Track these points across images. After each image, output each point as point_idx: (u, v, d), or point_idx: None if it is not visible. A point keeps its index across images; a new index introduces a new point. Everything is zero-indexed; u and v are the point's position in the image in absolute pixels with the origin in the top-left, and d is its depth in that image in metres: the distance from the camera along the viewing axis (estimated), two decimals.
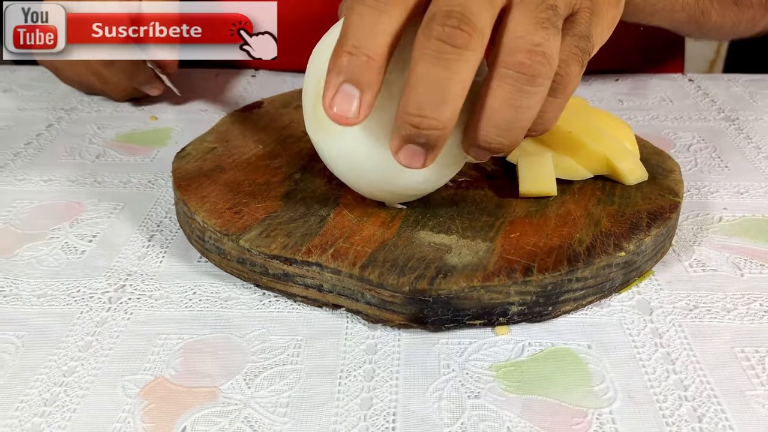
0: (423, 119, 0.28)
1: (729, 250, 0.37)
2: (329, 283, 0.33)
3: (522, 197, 0.37)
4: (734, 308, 0.32)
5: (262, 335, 0.31)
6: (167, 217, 0.40)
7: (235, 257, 0.35)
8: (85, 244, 0.37)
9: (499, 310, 0.31)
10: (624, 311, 0.32)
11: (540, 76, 0.28)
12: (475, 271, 0.31)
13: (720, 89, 0.58)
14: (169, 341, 0.31)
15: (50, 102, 0.56)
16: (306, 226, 0.35)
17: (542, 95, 0.29)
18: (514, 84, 0.28)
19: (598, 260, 0.32)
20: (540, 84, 0.28)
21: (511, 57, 0.28)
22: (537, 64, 0.28)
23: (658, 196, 0.37)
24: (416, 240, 0.34)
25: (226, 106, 0.55)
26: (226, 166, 0.41)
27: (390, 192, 0.35)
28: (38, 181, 0.44)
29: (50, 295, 0.34)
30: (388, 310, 0.32)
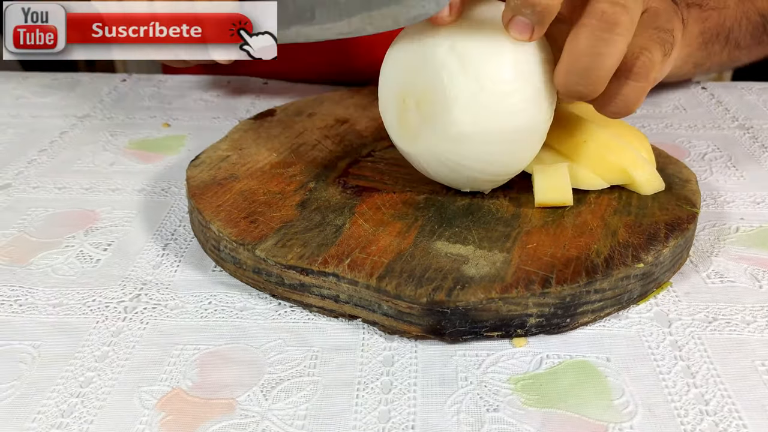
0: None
1: (747, 261, 0.36)
2: (346, 294, 0.32)
3: (538, 207, 0.37)
4: (753, 320, 0.32)
5: (278, 346, 0.31)
6: (181, 225, 0.40)
7: (250, 267, 0.34)
8: (100, 253, 0.37)
9: (517, 321, 0.31)
10: (642, 323, 0.32)
11: (619, 24, 0.30)
12: (493, 282, 0.31)
13: (733, 97, 0.57)
14: (186, 352, 0.31)
15: (63, 109, 0.56)
16: (322, 235, 0.35)
17: (622, 45, 0.31)
18: (594, 31, 0.31)
19: (617, 272, 0.32)
20: (619, 33, 0.30)
21: (594, 6, 0.31)
22: (617, 13, 0.30)
23: (675, 207, 0.37)
24: (433, 250, 0.34)
25: (238, 114, 0.55)
26: (240, 175, 0.41)
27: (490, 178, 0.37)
28: (52, 189, 0.44)
29: (66, 304, 0.34)
30: (405, 321, 0.31)
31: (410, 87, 0.35)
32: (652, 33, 0.33)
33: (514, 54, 0.33)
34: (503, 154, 0.35)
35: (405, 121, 0.36)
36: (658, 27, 0.33)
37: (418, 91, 0.35)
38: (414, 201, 0.38)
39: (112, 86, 0.60)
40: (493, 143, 0.34)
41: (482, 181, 0.37)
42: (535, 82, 0.34)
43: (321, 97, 0.52)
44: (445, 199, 0.38)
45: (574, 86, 0.32)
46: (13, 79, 0.62)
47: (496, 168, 0.36)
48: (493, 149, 0.34)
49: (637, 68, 0.32)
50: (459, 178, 0.37)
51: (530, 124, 0.34)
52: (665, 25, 0.33)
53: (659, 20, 0.33)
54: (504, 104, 0.33)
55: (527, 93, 0.34)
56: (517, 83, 0.33)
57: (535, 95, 0.34)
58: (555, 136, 0.39)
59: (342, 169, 0.42)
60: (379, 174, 0.41)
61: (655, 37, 0.33)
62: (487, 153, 0.35)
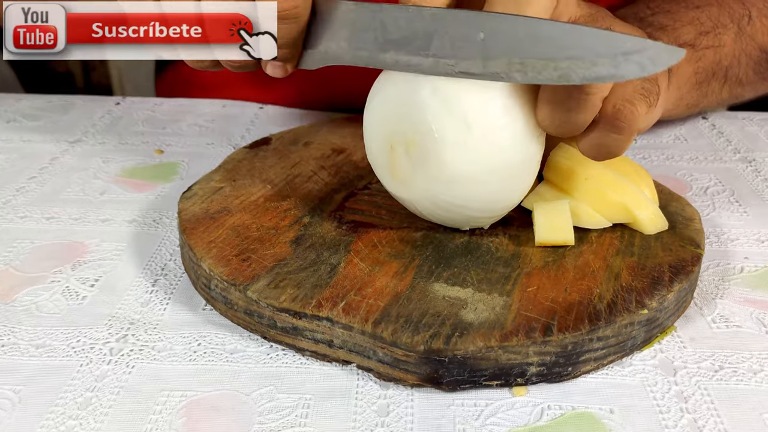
0: None
1: (752, 304, 0.35)
2: (340, 339, 0.31)
3: (538, 246, 0.36)
4: (761, 369, 0.31)
5: (269, 393, 0.30)
6: (172, 259, 0.39)
7: (242, 308, 0.33)
8: (87, 289, 0.36)
9: (517, 370, 0.30)
10: (647, 371, 0.31)
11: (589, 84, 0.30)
12: (492, 329, 0.30)
13: (735, 128, 0.57)
14: (172, 398, 0.29)
15: (55, 133, 0.55)
16: (316, 276, 0.34)
17: (594, 101, 0.31)
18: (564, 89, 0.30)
19: (620, 318, 0.31)
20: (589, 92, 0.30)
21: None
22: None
23: (679, 247, 0.36)
24: (430, 293, 0.33)
25: (233, 140, 0.54)
26: (233, 208, 0.40)
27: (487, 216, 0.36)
28: (40, 219, 0.43)
29: (49, 345, 0.32)
30: (401, 369, 0.30)
31: (397, 133, 0.34)
32: (636, 84, 0.32)
33: (499, 90, 0.32)
34: (498, 191, 0.34)
35: (395, 167, 0.35)
36: (642, 78, 0.32)
37: (407, 137, 0.34)
38: (411, 238, 0.37)
39: (106, 109, 0.59)
40: (487, 181, 0.33)
41: (479, 218, 0.36)
42: (523, 116, 0.33)
43: (317, 124, 0.51)
44: (443, 236, 0.37)
45: (553, 130, 0.33)
46: (6, 101, 0.61)
47: (491, 205, 0.35)
48: (486, 187, 0.34)
49: (620, 121, 0.31)
50: (455, 217, 0.36)
51: (522, 158, 0.34)
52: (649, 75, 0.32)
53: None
54: (494, 141, 0.33)
55: (516, 127, 0.33)
56: (504, 119, 0.33)
57: (524, 128, 0.33)
58: (556, 173, 0.38)
59: (338, 202, 0.41)
60: (376, 208, 0.40)
61: (639, 88, 0.32)
62: (481, 191, 0.34)
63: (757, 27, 0.48)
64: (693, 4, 0.47)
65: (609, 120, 0.32)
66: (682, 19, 0.46)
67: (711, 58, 0.46)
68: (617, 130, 0.32)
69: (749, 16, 0.48)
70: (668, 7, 0.46)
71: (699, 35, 0.45)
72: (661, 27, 0.45)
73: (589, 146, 0.33)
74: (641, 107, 0.31)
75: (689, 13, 0.46)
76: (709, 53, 0.46)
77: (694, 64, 0.45)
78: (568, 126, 0.32)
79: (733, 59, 0.47)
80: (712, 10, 0.47)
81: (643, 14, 0.46)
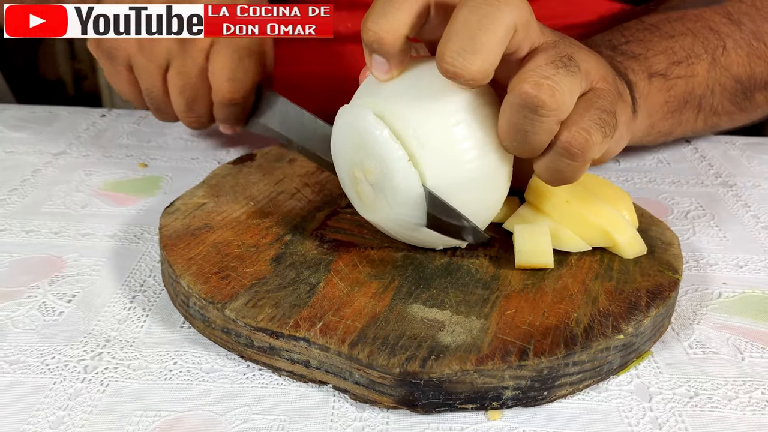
0: (456, 69, 0.30)
1: (729, 330, 0.36)
2: (317, 360, 0.31)
3: (518, 269, 0.36)
4: (735, 396, 0.31)
5: (244, 414, 0.30)
6: (151, 275, 0.39)
7: (220, 326, 0.33)
8: (64, 305, 0.36)
9: (492, 394, 0.30)
10: (622, 396, 0.31)
11: (543, 106, 0.30)
12: (469, 352, 0.30)
13: (717, 152, 0.57)
14: (146, 418, 0.29)
15: (38, 145, 0.54)
16: (295, 295, 0.34)
17: (548, 125, 0.31)
18: (518, 110, 0.31)
19: (596, 343, 0.31)
20: (543, 114, 0.31)
21: (518, 85, 0.31)
22: (541, 94, 0.30)
23: (657, 272, 0.36)
24: (408, 315, 0.33)
25: (217, 155, 0.54)
26: (215, 225, 0.40)
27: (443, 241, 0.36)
28: (20, 232, 0.43)
29: (23, 362, 0.32)
30: (377, 391, 0.30)
31: (356, 163, 0.35)
32: (593, 113, 0.32)
33: (451, 104, 0.33)
34: (465, 206, 0.34)
35: (361, 193, 0.36)
36: (600, 108, 0.33)
37: (364, 166, 0.34)
38: (392, 258, 0.37)
39: (91, 121, 0.59)
40: (450, 197, 0.33)
41: (448, 240, 0.36)
42: (480, 128, 0.33)
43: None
44: (423, 256, 0.37)
45: (512, 150, 0.33)
46: None
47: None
48: (452, 203, 0.33)
49: (574, 147, 0.32)
50: (426, 238, 0.36)
51: (486, 170, 0.33)
52: (607, 106, 0.33)
53: (602, 101, 0.33)
54: (450, 156, 0.33)
55: (474, 140, 0.33)
56: (459, 134, 0.33)
57: (483, 140, 0.33)
58: (537, 195, 0.39)
59: (320, 220, 0.41)
60: (358, 227, 0.40)
61: (596, 118, 0.32)
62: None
63: (732, 58, 0.49)
64: (667, 34, 0.48)
65: (563, 145, 0.32)
66: (654, 48, 0.46)
67: (683, 87, 0.47)
68: (570, 156, 0.32)
69: (724, 47, 0.48)
70: (642, 36, 0.47)
71: (671, 65, 0.46)
72: (633, 56, 0.45)
73: (544, 169, 0.33)
74: (596, 136, 0.32)
75: (663, 43, 0.47)
76: (681, 83, 0.46)
77: (666, 93, 0.46)
78: (525, 147, 0.32)
79: (706, 89, 0.48)
80: (686, 40, 0.47)
81: (617, 42, 0.46)
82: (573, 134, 0.32)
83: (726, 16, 0.50)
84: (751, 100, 0.51)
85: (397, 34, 0.31)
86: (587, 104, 0.32)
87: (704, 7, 0.51)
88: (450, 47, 0.30)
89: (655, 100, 0.45)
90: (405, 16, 0.31)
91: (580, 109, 0.32)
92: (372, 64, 0.33)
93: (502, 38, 0.30)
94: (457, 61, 0.30)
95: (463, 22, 0.30)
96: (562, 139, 0.32)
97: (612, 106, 0.33)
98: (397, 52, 0.32)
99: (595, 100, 0.33)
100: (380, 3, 0.32)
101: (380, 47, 0.32)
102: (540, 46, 0.32)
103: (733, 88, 0.49)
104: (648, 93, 0.44)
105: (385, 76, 0.33)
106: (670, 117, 0.47)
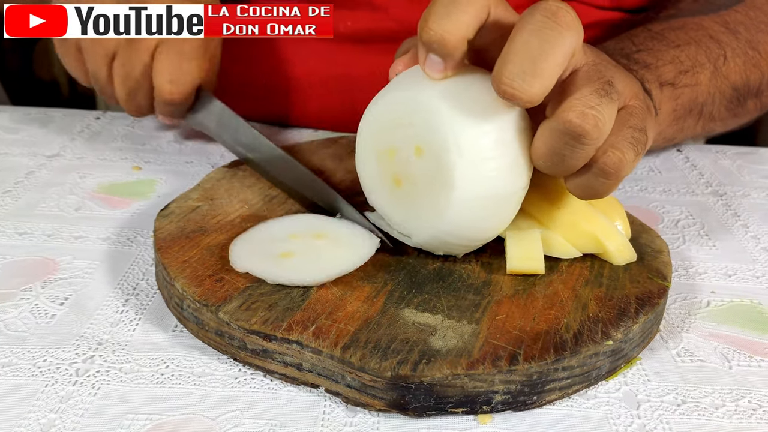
0: (515, 91, 0.30)
1: (717, 338, 0.36)
2: (309, 363, 0.31)
3: (509, 274, 0.37)
4: (723, 405, 0.32)
5: (235, 418, 0.30)
6: (144, 279, 0.39)
7: (213, 329, 0.33)
8: (56, 308, 0.36)
9: (482, 398, 0.30)
10: (611, 404, 0.32)
11: (586, 135, 0.31)
12: (460, 357, 0.30)
13: (708, 161, 0.58)
14: (137, 422, 0.29)
15: (32, 147, 0.54)
16: (288, 298, 0.34)
17: (587, 152, 0.32)
18: (560, 137, 0.31)
19: (585, 349, 0.31)
20: (585, 143, 0.31)
21: (563, 114, 0.31)
22: (585, 124, 0.31)
23: (646, 279, 0.37)
24: (400, 319, 0.33)
25: (212, 159, 0.54)
26: (209, 228, 0.40)
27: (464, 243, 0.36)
28: (13, 234, 0.43)
29: (15, 364, 0.32)
30: (369, 394, 0.30)
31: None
32: (627, 132, 0.33)
33: (496, 122, 0.33)
34: (478, 221, 0.35)
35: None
36: (633, 126, 0.33)
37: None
38: (385, 262, 0.37)
39: (85, 124, 0.59)
40: (469, 210, 0.34)
41: (455, 246, 0.37)
42: (513, 151, 0.33)
43: (297, 145, 0.52)
44: (416, 261, 0.38)
45: (545, 170, 0.34)
46: None
47: (470, 234, 0.36)
48: (468, 216, 0.34)
49: (609, 167, 0.32)
50: (432, 243, 0.36)
51: (506, 192, 0.34)
52: (639, 124, 0.34)
53: (634, 119, 0.34)
54: (481, 170, 0.33)
55: (504, 161, 0.33)
56: (495, 151, 0.33)
57: (512, 163, 0.34)
58: (532, 201, 0.39)
59: None
60: None
61: (629, 137, 0.33)
62: (463, 220, 0.34)
63: (731, 66, 0.50)
64: (674, 43, 0.48)
65: (598, 166, 0.33)
66: (663, 57, 0.47)
67: (689, 95, 0.48)
68: (605, 175, 0.33)
69: (724, 56, 0.49)
70: (651, 45, 0.48)
71: (679, 74, 0.47)
72: (645, 65, 0.46)
73: (576, 186, 0.34)
74: (629, 156, 0.33)
75: (670, 52, 0.48)
76: (687, 91, 0.47)
77: (674, 101, 0.47)
78: (560, 168, 0.33)
79: (708, 97, 0.49)
80: (691, 50, 0.48)
81: (629, 50, 0.47)
82: (609, 155, 0.32)
83: (724, 25, 0.51)
84: (743, 106, 0.52)
85: (459, 36, 0.31)
86: (621, 123, 0.33)
87: (701, 15, 0.51)
88: (510, 69, 0.30)
89: (665, 109, 0.46)
90: (469, 19, 0.31)
91: (615, 129, 0.33)
92: (426, 62, 0.33)
93: (561, 64, 0.31)
94: (516, 83, 0.30)
95: (523, 43, 0.30)
96: (599, 160, 0.32)
97: (643, 122, 0.34)
98: (458, 55, 0.32)
99: (628, 118, 0.34)
100: (442, 3, 0.31)
101: (441, 48, 0.32)
102: (581, 67, 0.33)
103: (730, 96, 0.50)
104: (660, 102, 0.45)
105: (439, 75, 0.33)
106: (675, 124, 0.48)
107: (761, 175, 0.56)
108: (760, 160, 0.59)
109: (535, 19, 0.30)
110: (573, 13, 0.31)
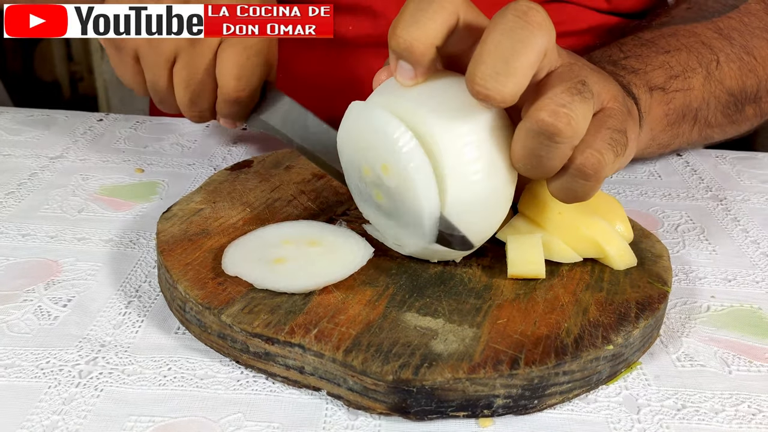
0: (488, 91, 0.30)
1: (717, 343, 0.36)
2: (311, 366, 0.32)
3: (510, 278, 0.37)
4: (722, 409, 0.32)
5: (237, 420, 0.30)
6: (147, 281, 0.39)
7: (216, 332, 0.34)
8: (59, 309, 0.36)
9: (483, 402, 0.31)
10: (611, 408, 0.32)
11: (558, 134, 0.31)
12: (461, 361, 0.30)
13: (708, 165, 0.58)
14: (139, 424, 0.29)
15: (36, 149, 0.55)
16: (290, 301, 0.34)
17: (563, 151, 0.32)
18: (534, 136, 0.31)
19: (586, 353, 0.32)
20: (559, 141, 0.31)
21: (534, 113, 0.31)
22: (558, 122, 0.31)
23: (646, 284, 0.37)
24: (402, 323, 0.33)
25: (214, 161, 0.54)
26: (212, 231, 0.40)
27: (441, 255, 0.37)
28: (16, 236, 0.43)
29: (18, 365, 0.32)
30: (370, 397, 0.31)
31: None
32: (605, 133, 0.33)
33: (470, 124, 0.33)
34: (468, 225, 0.35)
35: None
36: (611, 127, 0.33)
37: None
38: (387, 266, 0.38)
39: (88, 126, 0.59)
40: (454, 215, 0.34)
41: (448, 253, 0.36)
42: (492, 148, 0.33)
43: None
44: (417, 265, 0.38)
45: (524, 172, 0.34)
46: None
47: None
48: (455, 221, 0.34)
49: (587, 168, 0.32)
50: (425, 253, 0.36)
51: (491, 191, 0.34)
52: (618, 125, 0.34)
53: (613, 120, 0.34)
54: (460, 173, 0.33)
55: (484, 161, 0.33)
56: (472, 151, 0.33)
57: (493, 161, 0.34)
58: (530, 206, 0.39)
59: None
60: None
61: (607, 137, 0.33)
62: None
63: (725, 72, 0.50)
64: (663, 49, 0.48)
65: (577, 167, 0.33)
66: (653, 62, 0.47)
67: (681, 100, 0.48)
68: (584, 176, 0.33)
69: (717, 61, 0.49)
70: (639, 51, 0.48)
71: (669, 79, 0.47)
72: (633, 71, 0.46)
73: (558, 189, 0.34)
74: (608, 156, 0.32)
75: (659, 57, 0.48)
76: (679, 96, 0.47)
77: (665, 106, 0.47)
78: (538, 170, 0.33)
79: (702, 102, 0.49)
80: (682, 55, 0.48)
81: (616, 57, 0.47)
82: (586, 156, 0.32)
83: (717, 32, 0.51)
84: (741, 112, 0.52)
85: (427, 43, 0.31)
86: (599, 125, 0.33)
87: (694, 22, 0.52)
88: (482, 69, 0.30)
89: (656, 114, 0.46)
90: (437, 26, 0.31)
91: (592, 130, 0.33)
92: (397, 69, 0.33)
93: (533, 63, 0.31)
94: (489, 83, 0.30)
95: (495, 44, 0.30)
96: (576, 161, 0.32)
97: (622, 124, 0.34)
98: (426, 61, 0.32)
99: (606, 120, 0.33)
100: (410, 10, 0.31)
101: (410, 55, 0.32)
102: (556, 69, 0.33)
103: (727, 101, 0.50)
104: (650, 107, 0.45)
105: (410, 81, 0.33)
106: (669, 129, 0.48)
107: (761, 179, 0.56)
108: (760, 164, 0.59)
109: (507, 20, 0.30)
110: (544, 12, 0.31)
